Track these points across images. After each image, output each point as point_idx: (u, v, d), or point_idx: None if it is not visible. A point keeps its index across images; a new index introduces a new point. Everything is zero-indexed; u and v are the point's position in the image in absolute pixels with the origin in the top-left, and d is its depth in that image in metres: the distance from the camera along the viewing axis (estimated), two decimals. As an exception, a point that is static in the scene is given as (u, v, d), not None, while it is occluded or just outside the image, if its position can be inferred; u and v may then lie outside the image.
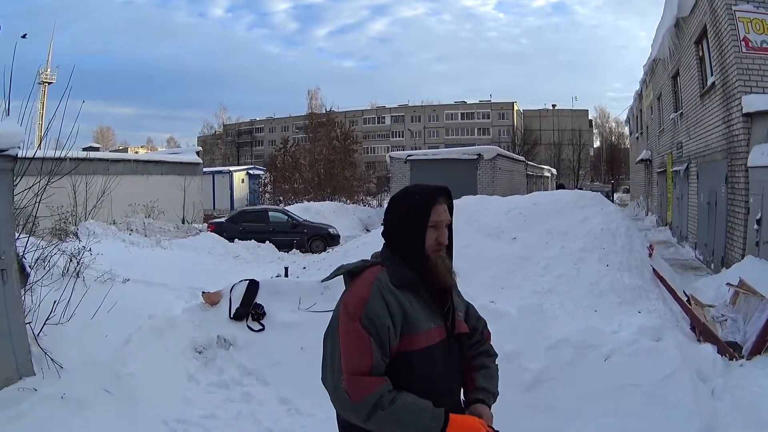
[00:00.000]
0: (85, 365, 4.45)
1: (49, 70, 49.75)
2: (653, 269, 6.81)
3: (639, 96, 30.86)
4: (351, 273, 1.84)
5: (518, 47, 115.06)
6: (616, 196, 53.94)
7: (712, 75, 12.09)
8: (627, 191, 52.78)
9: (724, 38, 10.69)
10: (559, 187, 43.21)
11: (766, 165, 9.07)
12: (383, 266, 1.81)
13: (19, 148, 4.65)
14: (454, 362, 1.86)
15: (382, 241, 1.94)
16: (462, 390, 1.92)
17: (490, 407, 1.88)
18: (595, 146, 76.86)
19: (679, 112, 17.09)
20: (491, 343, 2.07)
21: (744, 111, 9.87)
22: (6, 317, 4.43)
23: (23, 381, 4.40)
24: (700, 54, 13.27)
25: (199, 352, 5.23)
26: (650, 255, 7.30)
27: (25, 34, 5.17)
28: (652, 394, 3.97)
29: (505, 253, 6.58)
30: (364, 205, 30.27)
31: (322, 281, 4.58)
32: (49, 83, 47.97)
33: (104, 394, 4.25)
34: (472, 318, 2.03)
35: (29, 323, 4.81)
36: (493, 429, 1.80)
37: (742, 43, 10.20)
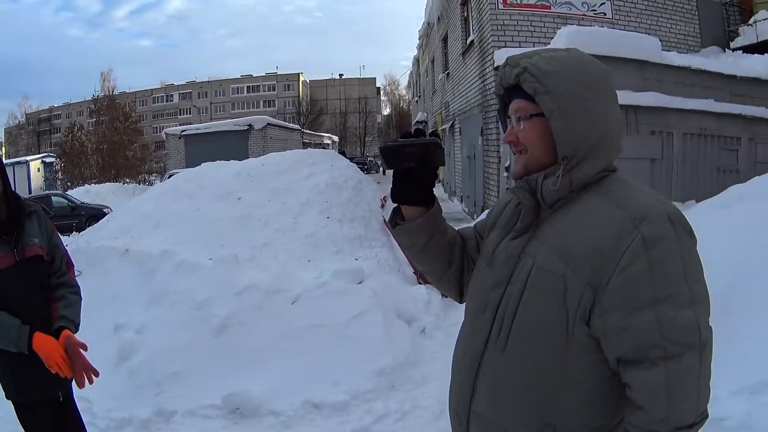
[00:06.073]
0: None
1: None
2: (384, 219, 7.05)
3: (417, 61, 32.06)
4: None
5: (313, 20, 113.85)
6: None
7: (472, 33, 12.45)
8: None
9: (483, -3, 10.87)
10: (341, 154, 44.37)
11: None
12: None
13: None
14: (31, 284, 2.17)
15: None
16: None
17: (73, 331, 2.16)
18: (385, 113, 79.19)
19: (446, 72, 17.66)
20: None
21: (496, 64, 10.07)
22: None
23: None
24: (465, 15, 13.64)
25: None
26: (382, 206, 7.63)
27: None
28: (338, 333, 4.29)
29: (228, 214, 6.58)
30: (147, 184, 29.41)
31: None
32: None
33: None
34: (52, 246, 2.30)
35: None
36: (79, 346, 2.09)
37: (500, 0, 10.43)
